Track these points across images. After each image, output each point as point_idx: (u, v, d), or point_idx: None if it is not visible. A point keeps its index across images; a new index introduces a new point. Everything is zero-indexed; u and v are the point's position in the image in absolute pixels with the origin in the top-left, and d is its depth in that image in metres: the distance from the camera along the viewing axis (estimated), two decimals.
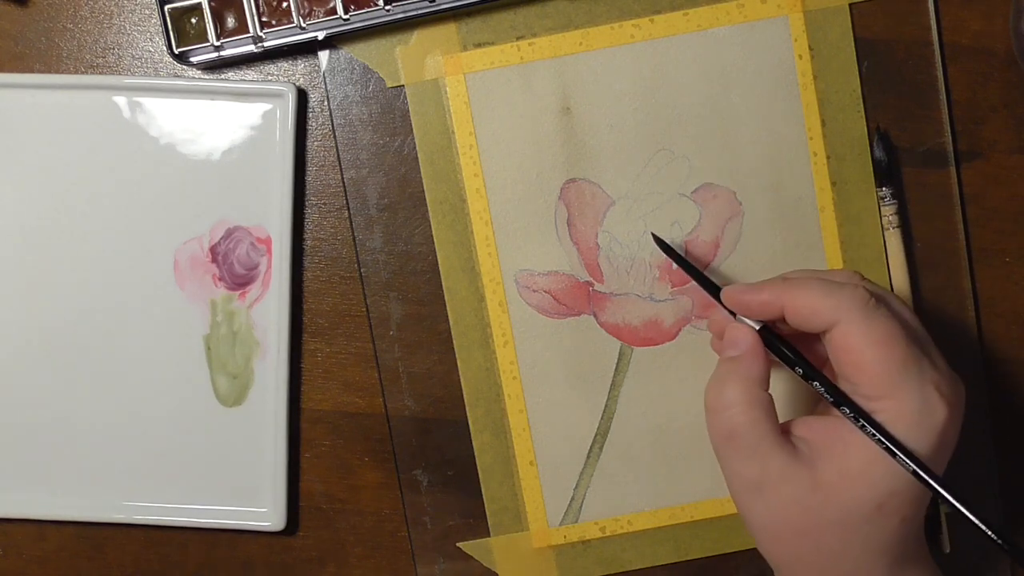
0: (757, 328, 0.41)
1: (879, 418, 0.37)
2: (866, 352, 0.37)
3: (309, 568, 0.50)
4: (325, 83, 0.48)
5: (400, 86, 0.48)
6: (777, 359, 0.41)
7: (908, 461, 0.37)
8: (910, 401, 0.37)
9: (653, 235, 0.46)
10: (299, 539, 0.50)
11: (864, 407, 0.38)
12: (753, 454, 0.39)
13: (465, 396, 0.48)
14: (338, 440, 0.49)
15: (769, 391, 0.40)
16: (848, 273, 0.41)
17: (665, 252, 0.46)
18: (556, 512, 0.49)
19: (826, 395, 0.39)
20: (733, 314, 0.42)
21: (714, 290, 0.43)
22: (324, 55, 0.48)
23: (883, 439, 0.37)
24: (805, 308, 0.39)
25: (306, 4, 0.46)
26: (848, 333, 0.38)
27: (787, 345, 0.40)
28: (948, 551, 0.48)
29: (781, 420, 0.40)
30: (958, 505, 0.37)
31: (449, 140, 0.48)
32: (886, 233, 0.48)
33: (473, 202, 0.48)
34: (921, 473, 0.37)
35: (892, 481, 0.37)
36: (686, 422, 0.48)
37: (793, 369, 0.40)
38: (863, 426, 0.37)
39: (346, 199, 0.48)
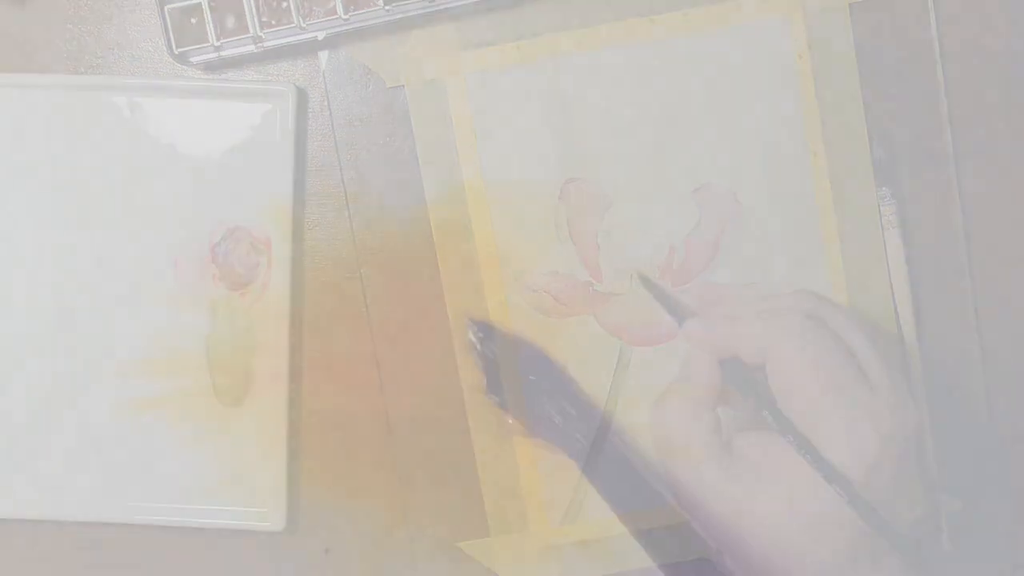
0: None
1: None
2: (794, 378, 0.39)
3: (309, 568, 0.50)
4: (325, 83, 0.48)
5: (400, 86, 0.48)
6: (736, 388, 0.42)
7: (842, 491, 0.37)
8: (835, 427, 0.38)
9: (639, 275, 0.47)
10: (299, 539, 0.50)
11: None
12: (687, 470, 0.40)
13: (465, 396, 0.48)
14: (338, 440, 0.49)
15: (717, 411, 0.41)
16: (795, 296, 0.42)
17: (644, 285, 0.47)
18: (556, 512, 0.49)
19: (773, 423, 0.39)
20: None
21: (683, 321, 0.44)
22: (324, 55, 0.48)
23: (820, 467, 0.37)
24: (746, 344, 0.40)
25: (306, 4, 0.46)
26: (778, 360, 0.39)
27: (741, 374, 0.41)
28: (948, 551, 0.48)
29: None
30: (888, 535, 0.38)
31: (449, 140, 0.48)
32: (886, 233, 0.48)
33: (473, 202, 0.48)
34: (857, 501, 0.37)
35: (822, 504, 0.38)
36: None
37: (746, 399, 0.40)
38: (805, 454, 0.38)
39: (346, 199, 0.48)
